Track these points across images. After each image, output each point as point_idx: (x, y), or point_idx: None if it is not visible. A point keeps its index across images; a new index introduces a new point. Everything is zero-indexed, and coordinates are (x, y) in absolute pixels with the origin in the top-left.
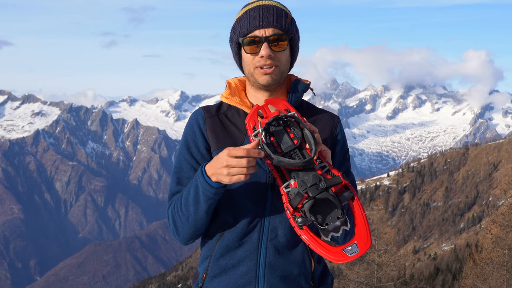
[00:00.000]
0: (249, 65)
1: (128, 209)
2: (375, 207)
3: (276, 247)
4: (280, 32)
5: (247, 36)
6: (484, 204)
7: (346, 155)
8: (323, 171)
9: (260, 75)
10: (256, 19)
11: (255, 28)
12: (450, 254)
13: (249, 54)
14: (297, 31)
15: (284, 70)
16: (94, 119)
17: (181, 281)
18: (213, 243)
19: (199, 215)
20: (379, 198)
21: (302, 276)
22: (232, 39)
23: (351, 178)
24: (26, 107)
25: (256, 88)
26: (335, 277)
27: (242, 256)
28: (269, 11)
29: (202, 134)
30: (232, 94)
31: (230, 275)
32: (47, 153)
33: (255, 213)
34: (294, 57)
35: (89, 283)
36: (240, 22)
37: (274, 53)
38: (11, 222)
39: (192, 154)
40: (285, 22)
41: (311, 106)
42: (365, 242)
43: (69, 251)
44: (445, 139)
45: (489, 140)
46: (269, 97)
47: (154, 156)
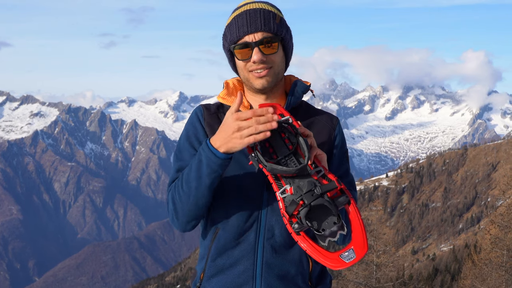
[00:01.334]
0: (243, 70)
1: (126, 210)
2: (374, 208)
3: (273, 247)
4: (270, 35)
5: (237, 44)
6: (482, 204)
7: (345, 156)
8: (318, 176)
9: (255, 79)
10: (244, 25)
11: (244, 34)
12: (449, 254)
13: (241, 60)
14: (287, 30)
15: (279, 71)
16: (92, 120)
17: (180, 282)
18: (210, 243)
19: (200, 191)
20: (378, 198)
21: (300, 275)
22: (224, 46)
23: (350, 178)
24: (25, 108)
25: (253, 92)
26: (334, 277)
27: (239, 255)
28: (256, 15)
29: (202, 128)
30: (229, 94)
31: (228, 275)
32: (46, 153)
33: (251, 212)
34: (288, 57)
35: (87, 284)
36: (229, 29)
37: (266, 56)
38: (10, 223)
39: (193, 145)
40: (274, 24)
41: (310, 107)
42: (362, 248)
43: (67, 251)
44: (443, 139)
45: (487, 141)
46: (266, 99)
47: (153, 157)
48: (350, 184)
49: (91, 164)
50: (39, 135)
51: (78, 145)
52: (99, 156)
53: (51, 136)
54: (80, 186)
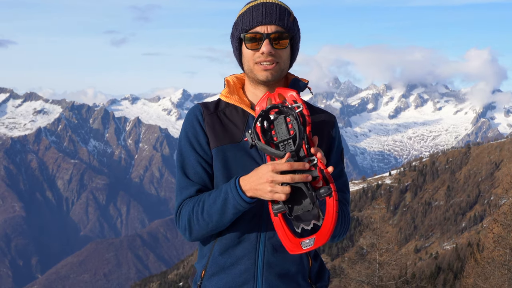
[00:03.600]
0: (249, 61)
1: (129, 207)
2: (377, 206)
3: (274, 246)
4: (282, 30)
5: (249, 32)
6: (485, 203)
7: (341, 155)
8: (310, 165)
9: (260, 71)
10: (259, 15)
11: (258, 24)
12: (452, 253)
13: (250, 50)
14: (298, 31)
15: (284, 68)
16: (96, 117)
17: (182, 279)
18: (213, 241)
19: (221, 224)
20: (381, 197)
21: (300, 273)
22: (233, 34)
23: (344, 179)
24: (28, 105)
25: (255, 84)
26: (336, 276)
27: (240, 254)
28: (272, 9)
29: (202, 130)
30: (231, 92)
31: (229, 274)
32: (49, 151)
33: (253, 212)
34: (294, 57)
35: (90, 281)
36: (242, 18)
37: (274, 50)
38: (13, 220)
39: (195, 149)
40: (288, 21)
41: (308, 105)
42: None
43: (70, 249)
44: (447, 138)
45: (491, 140)
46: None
47: (156, 154)
48: (343, 185)
49: (94, 162)
50: (42, 132)
51: (81, 142)
52: (102, 154)
53: (54, 133)
54: (83, 183)
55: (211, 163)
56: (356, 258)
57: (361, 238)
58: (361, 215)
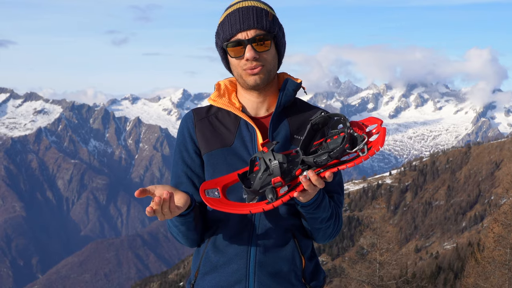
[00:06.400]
0: (236, 68)
1: (130, 207)
2: (377, 206)
3: (266, 245)
4: (263, 32)
5: (230, 41)
6: (486, 203)
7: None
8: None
9: (248, 76)
10: (237, 22)
11: (237, 32)
12: (452, 253)
13: (234, 58)
14: (280, 28)
15: (271, 69)
16: (96, 117)
17: (183, 279)
18: (206, 241)
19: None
20: (381, 196)
21: (292, 273)
22: (217, 43)
23: (338, 178)
24: (28, 105)
25: (246, 89)
26: (337, 275)
27: (232, 254)
28: (249, 13)
29: (191, 139)
30: (219, 96)
31: (221, 273)
32: (49, 151)
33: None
34: (281, 54)
35: (91, 281)
36: (222, 27)
37: (259, 53)
38: (13, 220)
39: (183, 158)
40: (266, 21)
41: (305, 104)
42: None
43: (71, 249)
44: (447, 137)
45: (491, 139)
46: (259, 97)
47: (156, 154)
48: (338, 185)
49: (95, 161)
50: (42, 132)
51: (81, 142)
52: (102, 154)
53: (55, 133)
54: (83, 183)
55: (198, 171)
56: (356, 258)
57: (361, 238)
58: (361, 215)
